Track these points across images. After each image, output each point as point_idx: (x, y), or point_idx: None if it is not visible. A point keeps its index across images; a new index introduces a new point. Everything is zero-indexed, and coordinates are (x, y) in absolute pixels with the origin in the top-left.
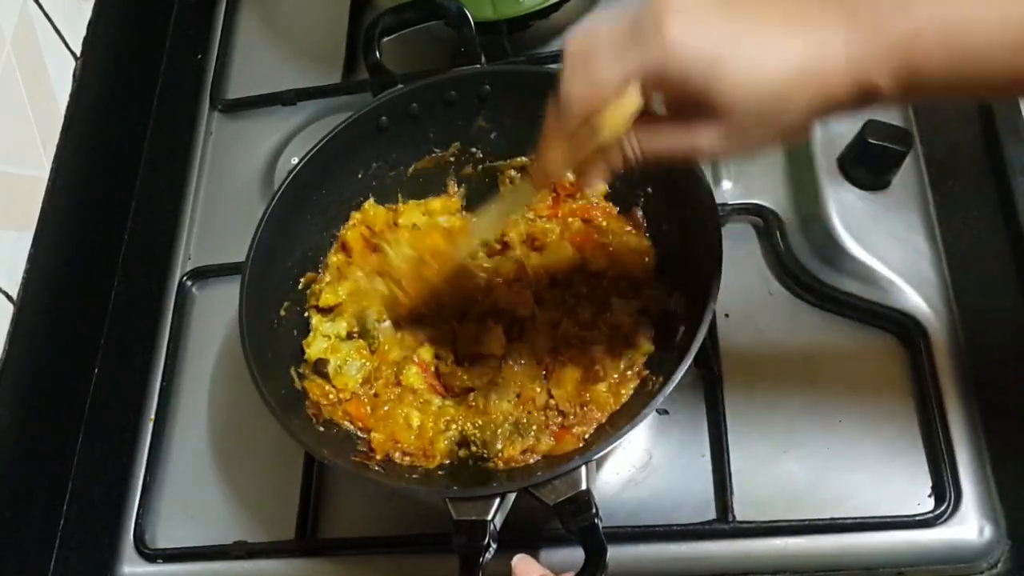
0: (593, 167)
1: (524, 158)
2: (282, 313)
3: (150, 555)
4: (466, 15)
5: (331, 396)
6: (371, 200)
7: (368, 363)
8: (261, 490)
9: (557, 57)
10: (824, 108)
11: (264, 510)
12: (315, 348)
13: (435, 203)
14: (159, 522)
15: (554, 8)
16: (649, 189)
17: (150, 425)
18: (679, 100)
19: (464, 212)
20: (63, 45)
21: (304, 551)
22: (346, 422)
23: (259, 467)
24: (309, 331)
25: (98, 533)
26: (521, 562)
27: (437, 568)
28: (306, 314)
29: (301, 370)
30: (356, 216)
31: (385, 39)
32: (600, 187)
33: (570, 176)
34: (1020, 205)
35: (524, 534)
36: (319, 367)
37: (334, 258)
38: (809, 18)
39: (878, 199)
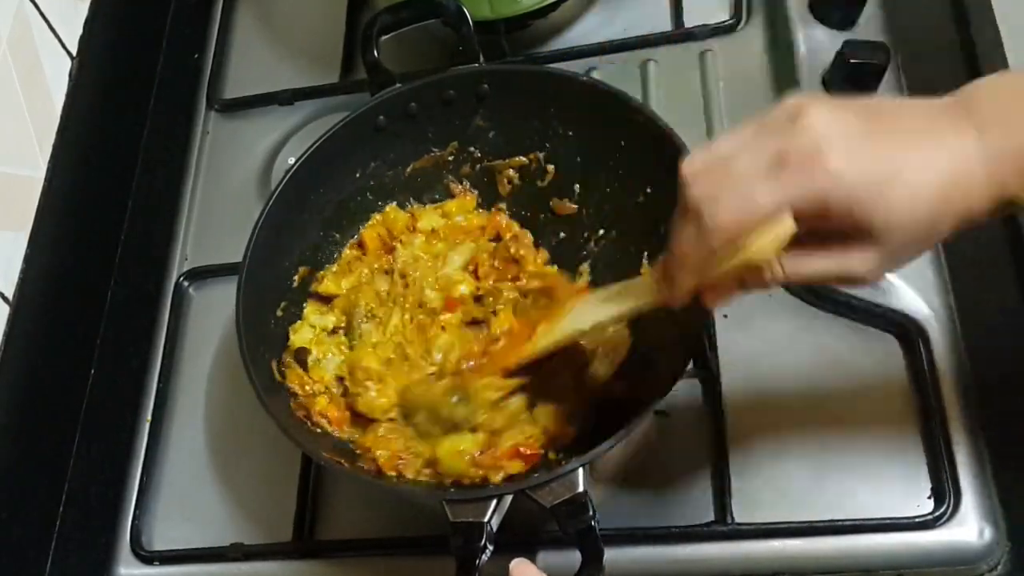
0: (726, 287)
1: (522, 158)
2: (279, 313)
3: (146, 557)
4: (464, 14)
5: (307, 387)
6: (393, 204)
7: (344, 361)
8: (258, 492)
9: (555, 57)
10: (967, 220)
11: (261, 512)
12: (300, 336)
13: (450, 205)
14: (156, 524)
15: (552, 7)
16: (649, 189)
17: (147, 426)
18: (839, 228)
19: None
20: (59, 45)
21: (301, 553)
22: (324, 422)
23: (256, 468)
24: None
25: (94, 534)
26: (518, 566)
27: (435, 570)
28: (303, 304)
29: (282, 358)
30: (376, 217)
31: (383, 38)
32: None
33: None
34: None
35: (522, 536)
36: (300, 355)
37: (348, 252)
38: (944, 133)
39: None
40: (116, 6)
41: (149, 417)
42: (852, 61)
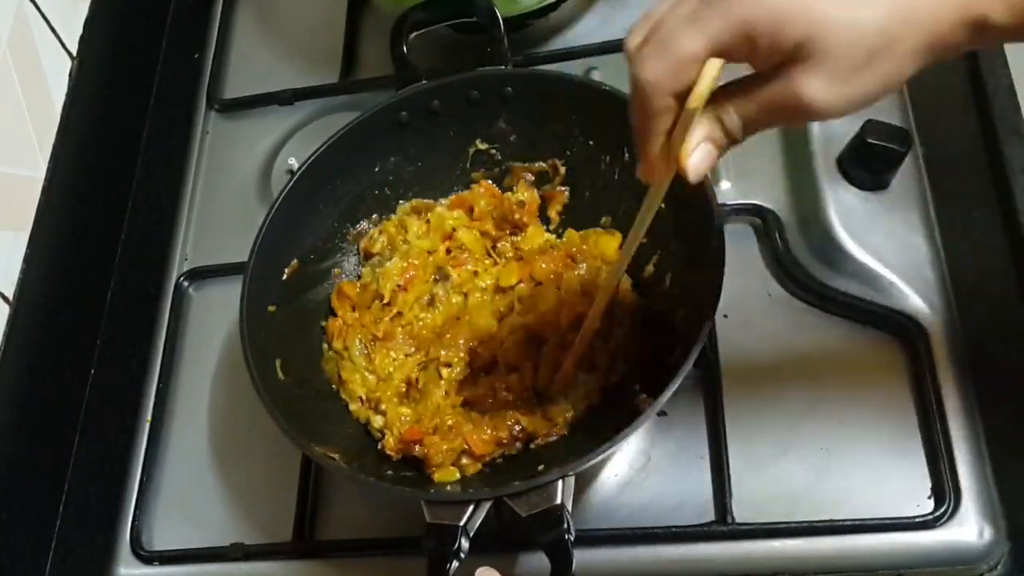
0: (697, 151)
1: (542, 163)
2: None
3: (146, 557)
4: (496, 14)
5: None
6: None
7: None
8: (258, 492)
9: (555, 57)
10: (933, 47)
11: (261, 512)
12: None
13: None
14: (156, 524)
15: (552, 8)
16: (663, 204)
17: (147, 426)
18: (771, 55)
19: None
20: (59, 45)
21: (301, 553)
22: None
23: (256, 469)
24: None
25: (94, 535)
26: (484, 574)
27: None
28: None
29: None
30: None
31: (413, 34)
32: (707, 171)
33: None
34: (1020, 205)
35: (506, 538)
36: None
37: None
38: None
39: (877, 199)
40: (116, 6)
41: (149, 417)
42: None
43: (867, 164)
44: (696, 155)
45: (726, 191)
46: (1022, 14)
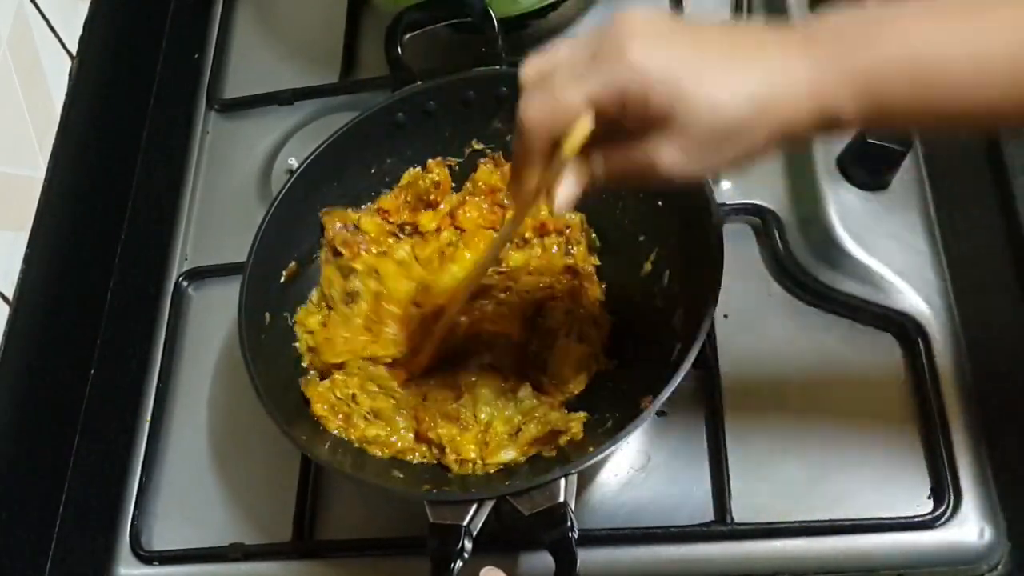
0: (563, 189)
1: None
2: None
3: (146, 557)
4: (490, 14)
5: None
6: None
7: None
8: (258, 492)
9: None
10: (787, 132)
11: (261, 512)
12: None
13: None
14: (155, 524)
15: (552, 8)
16: (660, 202)
17: (146, 427)
18: (639, 120)
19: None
20: (59, 45)
21: (301, 553)
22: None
23: (256, 469)
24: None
25: (94, 535)
26: (489, 573)
27: None
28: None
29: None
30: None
31: (407, 35)
32: (570, 207)
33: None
34: (1020, 205)
35: (507, 538)
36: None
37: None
38: (769, 49)
39: (878, 199)
40: (116, 6)
41: (149, 417)
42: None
43: (867, 164)
44: (562, 193)
45: (726, 191)
46: (871, 111)
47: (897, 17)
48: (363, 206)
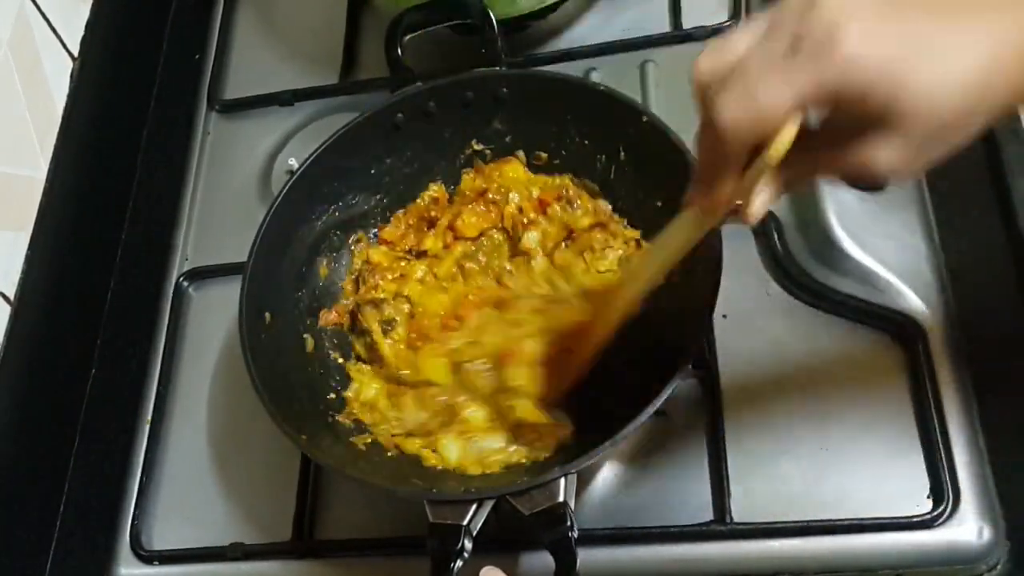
0: (760, 195)
1: (537, 164)
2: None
3: (146, 557)
4: (489, 15)
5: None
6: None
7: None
8: (258, 492)
9: (554, 58)
10: (1010, 108)
11: (261, 511)
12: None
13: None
14: (155, 524)
15: (551, 9)
16: (660, 203)
17: (147, 427)
18: (857, 117)
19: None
20: (60, 46)
21: (301, 553)
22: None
23: (256, 469)
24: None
25: (94, 535)
26: (489, 573)
27: None
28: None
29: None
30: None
31: (407, 37)
32: (764, 216)
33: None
34: (1018, 205)
35: (507, 537)
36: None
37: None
38: (984, 10)
39: (876, 199)
40: (117, 7)
41: (149, 418)
42: None
43: None
44: (759, 202)
45: None
46: None
47: None
48: (368, 232)
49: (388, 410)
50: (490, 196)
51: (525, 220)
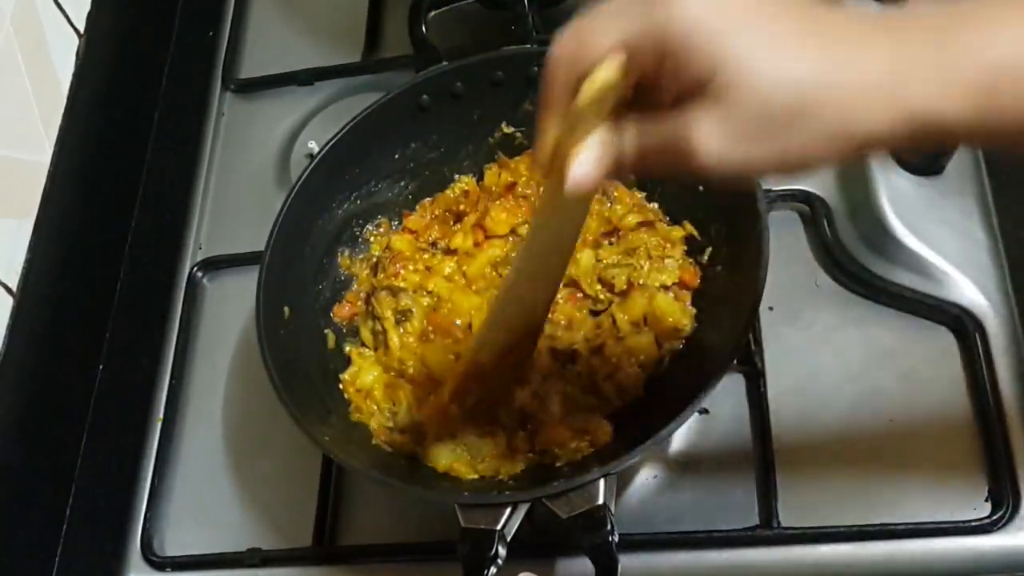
0: (583, 155)
1: None
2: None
3: (158, 563)
4: None
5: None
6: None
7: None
8: (277, 494)
9: None
10: (860, 136)
11: (280, 515)
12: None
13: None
14: (168, 528)
15: None
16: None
17: (158, 425)
18: (678, 79)
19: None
20: (66, 22)
21: (322, 559)
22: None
23: (275, 470)
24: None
25: (103, 540)
26: None
27: None
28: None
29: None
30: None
31: (432, 13)
32: (589, 182)
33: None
34: None
35: (543, 542)
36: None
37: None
38: (851, 30)
39: (932, 185)
40: None
41: (161, 416)
42: None
43: (921, 147)
44: (582, 159)
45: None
46: (979, 122)
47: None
48: (392, 221)
49: (383, 401)
50: (519, 190)
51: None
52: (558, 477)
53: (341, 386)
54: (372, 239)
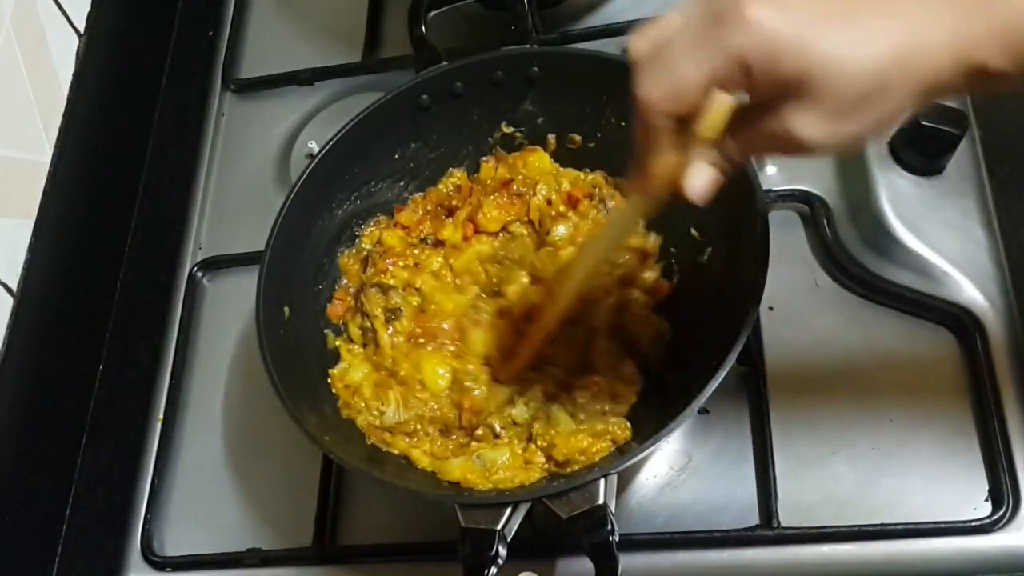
0: (697, 175)
1: (571, 146)
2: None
3: (158, 563)
4: None
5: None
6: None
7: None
8: (276, 494)
9: (589, 35)
10: (928, 91)
11: (280, 515)
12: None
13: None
14: (168, 528)
15: None
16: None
17: (158, 425)
18: (770, 87)
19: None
20: (66, 21)
21: (322, 559)
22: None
23: (275, 470)
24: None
25: (103, 540)
26: None
27: None
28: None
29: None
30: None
31: (432, 13)
32: (709, 195)
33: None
34: None
35: (544, 542)
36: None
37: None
38: (902, 3)
39: (932, 185)
40: None
41: (161, 415)
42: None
43: (921, 148)
44: (697, 179)
45: (771, 176)
46: (1020, 60)
47: None
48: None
49: (372, 399)
50: (515, 188)
51: (553, 213)
52: (557, 477)
53: (329, 381)
54: (363, 233)
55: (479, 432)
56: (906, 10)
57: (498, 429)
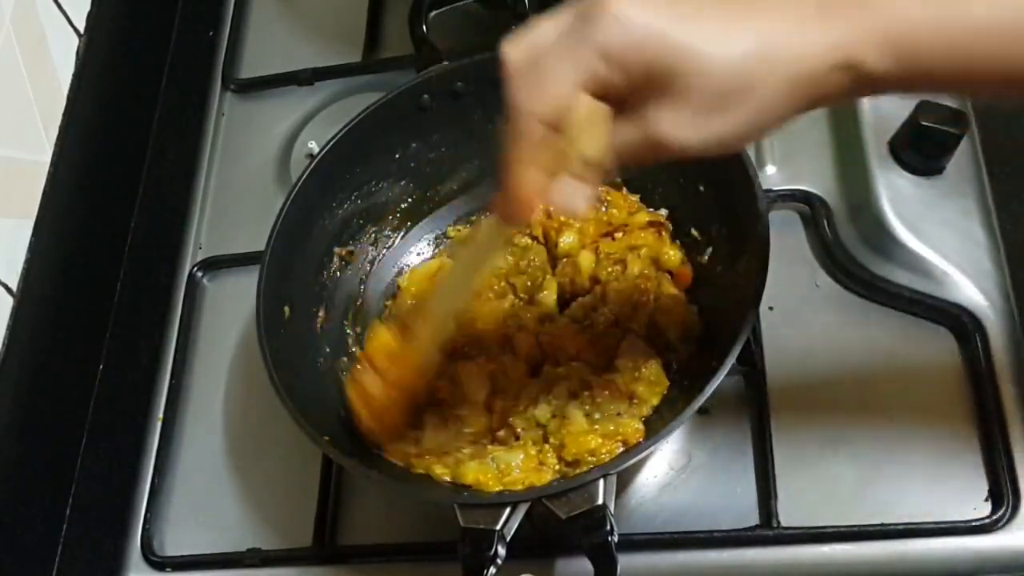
0: (568, 186)
1: None
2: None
3: (158, 563)
4: None
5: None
6: None
7: None
8: (277, 494)
9: None
10: (805, 92)
11: (280, 515)
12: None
13: None
14: (168, 528)
15: None
16: (702, 187)
17: (158, 425)
18: (635, 82)
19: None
20: (66, 21)
21: (322, 559)
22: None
23: (275, 470)
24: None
25: (103, 540)
26: None
27: None
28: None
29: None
30: None
31: (433, 13)
32: (583, 211)
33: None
34: None
35: (543, 543)
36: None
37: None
38: (772, 4)
39: (932, 185)
40: None
41: (161, 415)
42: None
43: (921, 148)
44: (572, 194)
45: (771, 176)
46: (899, 61)
47: None
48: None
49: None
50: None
51: (556, 224)
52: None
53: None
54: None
55: (501, 434)
56: (777, 10)
57: (519, 431)
